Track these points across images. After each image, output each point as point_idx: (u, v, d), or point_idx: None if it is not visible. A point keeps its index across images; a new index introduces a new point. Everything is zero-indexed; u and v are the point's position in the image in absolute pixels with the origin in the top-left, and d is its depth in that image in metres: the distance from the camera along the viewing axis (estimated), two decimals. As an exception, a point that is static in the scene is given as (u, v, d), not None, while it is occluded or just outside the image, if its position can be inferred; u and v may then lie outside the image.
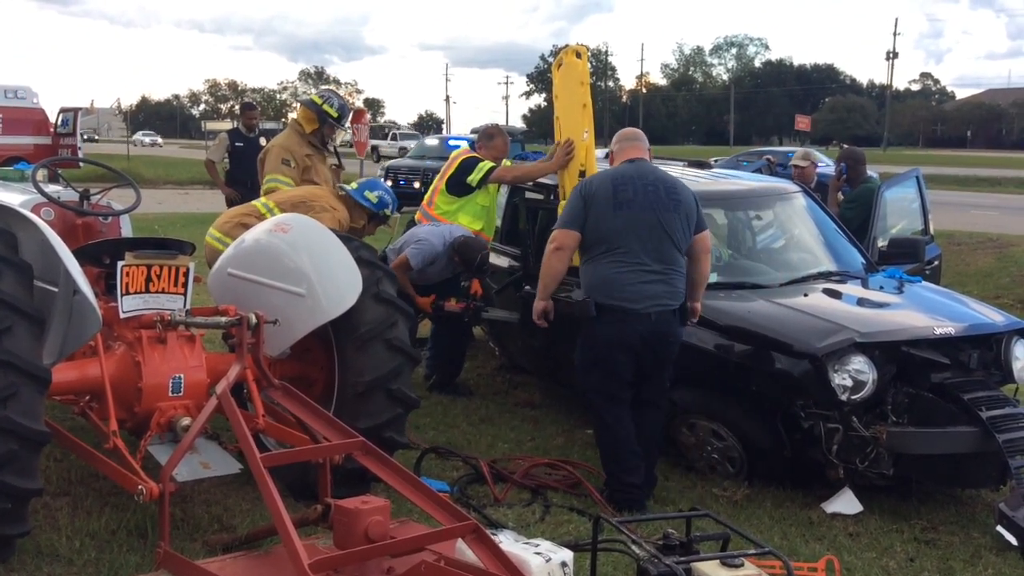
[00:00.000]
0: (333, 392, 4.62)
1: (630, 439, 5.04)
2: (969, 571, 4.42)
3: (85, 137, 27.50)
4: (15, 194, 5.16)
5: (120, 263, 4.22)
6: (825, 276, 6.00)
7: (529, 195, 6.92)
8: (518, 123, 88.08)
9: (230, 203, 10.92)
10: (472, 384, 7.21)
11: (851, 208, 7.95)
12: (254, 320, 3.85)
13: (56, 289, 4.00)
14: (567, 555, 3.44)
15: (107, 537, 4.15)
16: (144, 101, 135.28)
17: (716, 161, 11.13)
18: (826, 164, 26.44)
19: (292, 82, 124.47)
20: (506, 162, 7.12)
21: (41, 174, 5.13)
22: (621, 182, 5.02)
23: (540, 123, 75.44)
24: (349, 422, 4.05)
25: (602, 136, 6.32)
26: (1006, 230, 16.88)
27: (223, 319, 3.95)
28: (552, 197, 6.61)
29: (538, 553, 3.38)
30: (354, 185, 6.03)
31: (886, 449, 4.87)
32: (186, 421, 4.16)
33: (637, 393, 5.05)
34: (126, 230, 5.39)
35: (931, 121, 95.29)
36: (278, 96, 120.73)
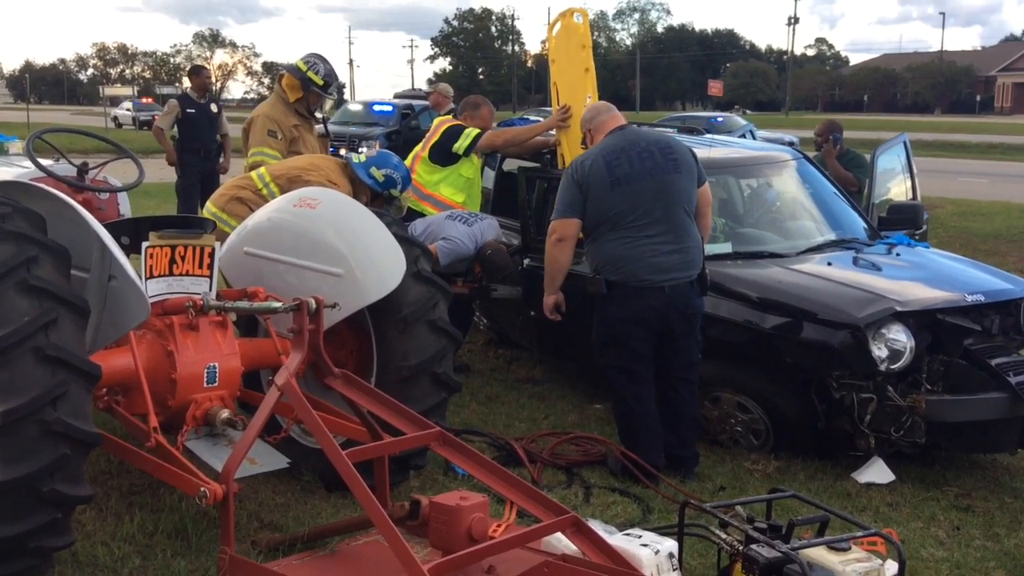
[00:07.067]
0: (364, 374, 4.35)
1: (648, 417, 4.92)
2: (1014, 537, 4.44)
3: None
4: (2, 168, 4.71)
5: (144, 244, 3.87)
6: (837, 244, 5.94)
7: (525, 163, 6.67)
8: (424, 87, 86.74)
9: (182, 174, 10.41)
10: (466, 360, 6.98)
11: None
12: (314, 305, 3.56)
13: (87, 275, 3.62)
14: (672, 545, 3.30)
15: (145, 541, 3.82)
16: (28, 66, 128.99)
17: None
18: (750, 126, 26.67)
19: (186, 45, 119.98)
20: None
21: (31, 146, 4.64)
22: (613, 156, 4.77)
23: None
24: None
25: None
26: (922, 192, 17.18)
27: (277, 304, 3.64)
28: (550, 165, 6.41)
29: (644, 545, 3.23)
30: (361, 158, 5.56)
31: (923, 418, 4.85)
32: (225, 413, 3.86)
33: (666, 369, 4.92)
34: (124, 208, 4.97)
35: (829, 86, 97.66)
36: (171, 60, 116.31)
